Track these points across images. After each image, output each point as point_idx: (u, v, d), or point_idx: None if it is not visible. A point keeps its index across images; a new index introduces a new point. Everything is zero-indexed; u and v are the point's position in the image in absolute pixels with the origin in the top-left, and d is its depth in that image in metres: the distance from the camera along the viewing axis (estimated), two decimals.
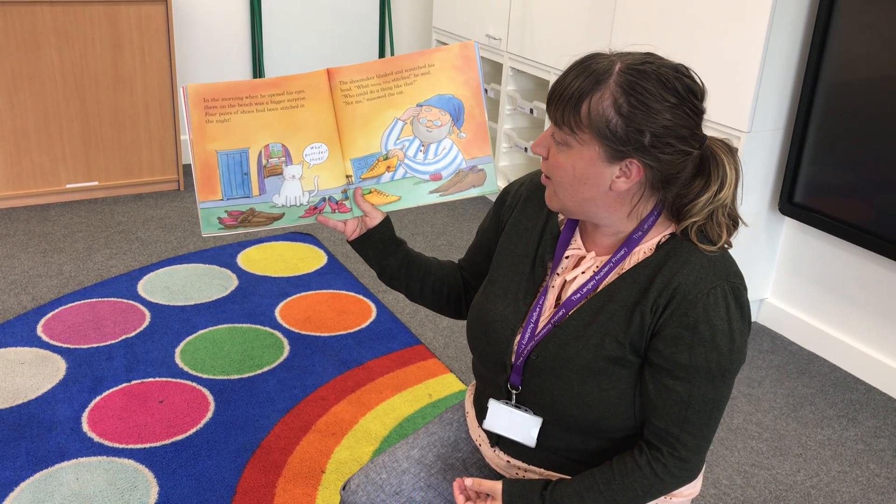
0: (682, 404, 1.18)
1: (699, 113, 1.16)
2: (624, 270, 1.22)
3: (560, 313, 1.24)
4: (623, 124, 1.12)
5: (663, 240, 1.21)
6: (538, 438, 1.29)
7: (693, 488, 1.34)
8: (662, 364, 1.18)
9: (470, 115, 1.32)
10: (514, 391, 1.29)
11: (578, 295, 1.24)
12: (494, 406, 1.31)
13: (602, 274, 1.23)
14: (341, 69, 1.28)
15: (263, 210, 1.30)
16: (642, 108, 1.11)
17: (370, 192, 1.33)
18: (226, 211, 1.29)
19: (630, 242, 1.22)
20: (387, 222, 1.39)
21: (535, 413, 1.28)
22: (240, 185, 1.28)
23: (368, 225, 1.37)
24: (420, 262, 1.44)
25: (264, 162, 1.28)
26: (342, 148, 1.30)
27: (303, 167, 1.30)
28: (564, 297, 1.26)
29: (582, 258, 1.27)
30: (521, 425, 1.28)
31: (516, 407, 1.29)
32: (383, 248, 1.40)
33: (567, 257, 1.28)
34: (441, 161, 1.33)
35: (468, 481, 1.27)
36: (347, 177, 1.32)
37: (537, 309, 1.27)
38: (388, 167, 1.32)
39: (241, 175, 1.27)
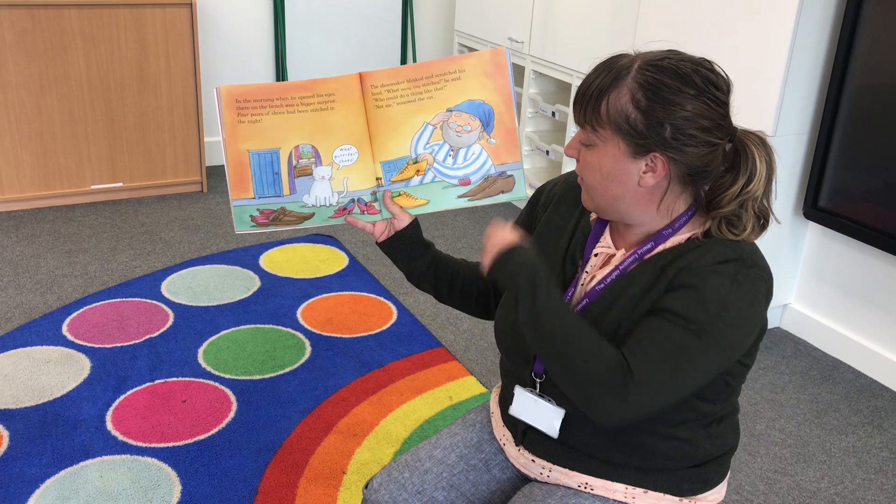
0: (645, 335, 1.14)
1: (721, 104, 1.16)
2: (647, 257, 1.22)
3: (584, 302, 1.25)
4: (642, 118, 1.13)
5: (694, 236, 1.22)
6: (564, 433, 1.29)
7: (717, 494, 1.33)
8: (650, 309, 1.17)
9: (500, 121, 1.32)
10: (538, 380, 1.30)
11: (602, 285, 1.24)
12: (520, 393, 1.32)
13: (626, 265, 1.24)
14: (373, 73, 1.29)
15: (294, 209, 1.32)
16: (660, 102, 1.12)
17: (399, 195, 1.34)
18: (258, 209, 1.30)
19: (659, 237, 1.23)
20: (415, 225, 1.39)
21: (559, 404, 1.28)
22: (271, 184, 1.29)
23: (396, 227, 1.38)
24: (448, 264, 1.44)
25: (294, 162, 1.29)
26: (372, 151, 1.31)
27: (332, 168, 1.31)
28: (588, 289, 1.27)
29: (612, 256, 1.27)
30: (545, 414, 1.29)
31: (540, 396, 1.30)
32: (411, 250, 1.40)
33: (596, 255, 1.29)
34: (470, 166, 1.34)
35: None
36: (377, 179, 1.33)
37: (565, 299, 1.28)
38: (418, 171, 1.33)
39: (272, 174, 1.29)
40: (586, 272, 1.29)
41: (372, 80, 1.29)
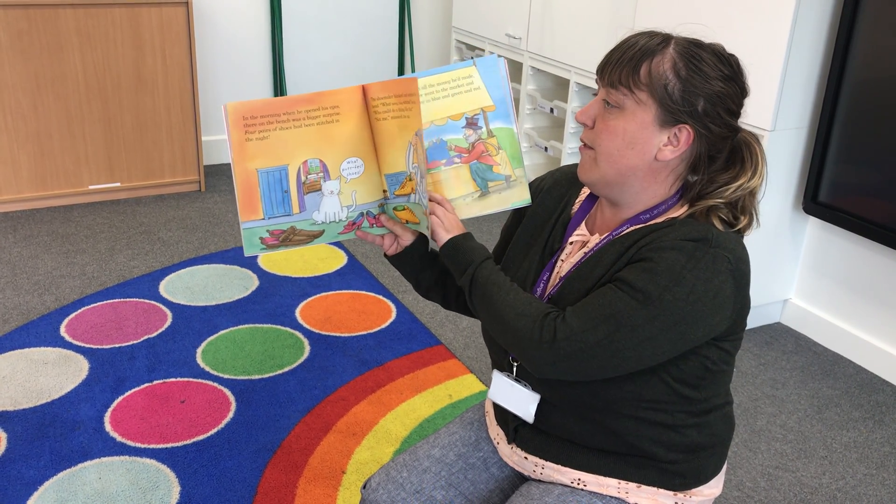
0: (591, 297, 1.17)
1: (745, 94, 1.20)
2: (614, 238, 1.23)
3: (558, 285, 1.26)
4: (680, 87, 1.15)
5: (666, 220, 1.22)
6: (545, 421, 1.30)
7: (713, 488, 1.33)
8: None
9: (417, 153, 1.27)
10: (514, 363, 1.32)
11: (574, 267, 1.25)
12: (497, 377, 1.34)
13: (597, 246, 1.24)
14: (371, 86, 1.27)
15: (304, 228, 1.30)
16: (699, 74, 1.15)
17: (403, 209, 1.34)
18: (267, 230, 1.28)
19: (635, 221, 1.23)
20: (422, 238, 1.39)
21: (534, 389, 1.30)
22: (280, 203, 1.27)
23: (402, 244, 1.38)
24: None
25: (303, 178, 1.27)
26: (378, 163, 1.30)
27: (340, 182, 1.29)
28: (563, 273, 1.28)
29: (586, 243, 1.28)
30: (520, 399, 1.30)
31: (517, 380, 1.31)
32: (420, 263, 1.41)
33: (571, 243, 1.30)
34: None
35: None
36: (384, 192, 1.32)
37: (540, 287, 1.29)
38: (412, 188, 1.32)
39: (281, 193, 1.27)
40: (561, 260, 1.30)
41: (371, 92, 1.27)
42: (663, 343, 1.14)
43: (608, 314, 1.13)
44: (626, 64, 1.16)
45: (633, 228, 1.22)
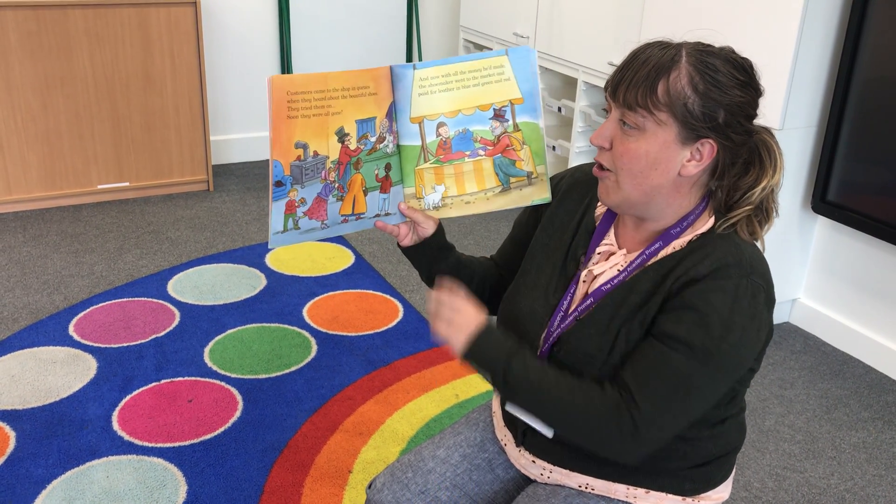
0: (650, 366, 1.14)
1: (760, 96, 1.17)
2: (649, 263, 1.21)
3: (587, 302, 1.23)
4: (700, 102, 1.12)
5: (696, 238, 1.20)
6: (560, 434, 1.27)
7: (722, 493, 1.32)
8: (653, 330, 1.16)
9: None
10: None
11: (609, 286, 1.22)
12: None
13: (633, 266, 1.21)
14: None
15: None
16: (717, 86, 1.12)
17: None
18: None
19: (667, 237, 1.21)
20: (440, 230, 1.38)
21: None
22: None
23: (421, 235, 1.36)
24: (466, 265, 1.43)
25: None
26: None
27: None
28: (593, 289, 1.24)
29: (612, 254, 1.26)
30: None
31: None
32: (437, 255, 1.39)
33: (599, 253, 1.27)
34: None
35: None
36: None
37: (567, 300, 1.26)
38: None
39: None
40: (589, 270, 1.27)
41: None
42: (722, 387, 1.16)
43: (676, 385, 1.12)
44: (642, 84, 1.12)
45: (664, 254, 1.20)
